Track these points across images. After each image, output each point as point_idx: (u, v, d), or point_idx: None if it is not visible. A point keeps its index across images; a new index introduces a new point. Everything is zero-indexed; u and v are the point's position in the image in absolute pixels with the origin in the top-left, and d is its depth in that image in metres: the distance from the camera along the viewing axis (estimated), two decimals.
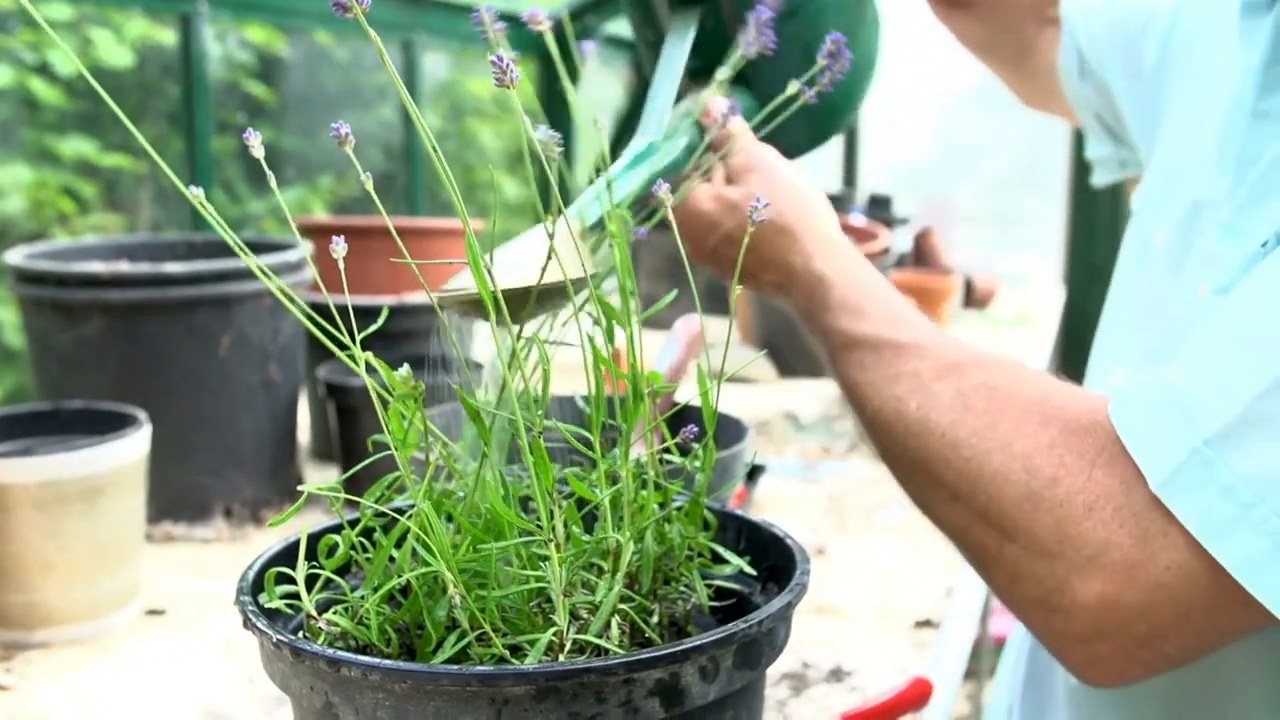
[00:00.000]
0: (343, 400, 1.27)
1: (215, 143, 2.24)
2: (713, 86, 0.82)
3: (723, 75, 0.81)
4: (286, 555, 0.60)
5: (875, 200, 2.96)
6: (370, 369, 0.54)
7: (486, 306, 0.53)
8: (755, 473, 1.35)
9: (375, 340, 0.54)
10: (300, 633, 0.57)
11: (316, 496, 0.56)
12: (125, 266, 1.16)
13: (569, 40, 0.75)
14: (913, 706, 0.89)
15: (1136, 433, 0.59)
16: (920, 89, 4.00)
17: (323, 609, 0.56)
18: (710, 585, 0.61)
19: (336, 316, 0.53)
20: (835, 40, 0.74)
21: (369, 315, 0.56)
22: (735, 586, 0.63)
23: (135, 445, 1.00)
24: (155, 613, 1.04)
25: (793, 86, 0.76)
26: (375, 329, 0.56)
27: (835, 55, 0.74)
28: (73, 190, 2.48)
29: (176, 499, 1.20)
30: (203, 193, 0.52)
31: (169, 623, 1.03)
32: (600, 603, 0.54)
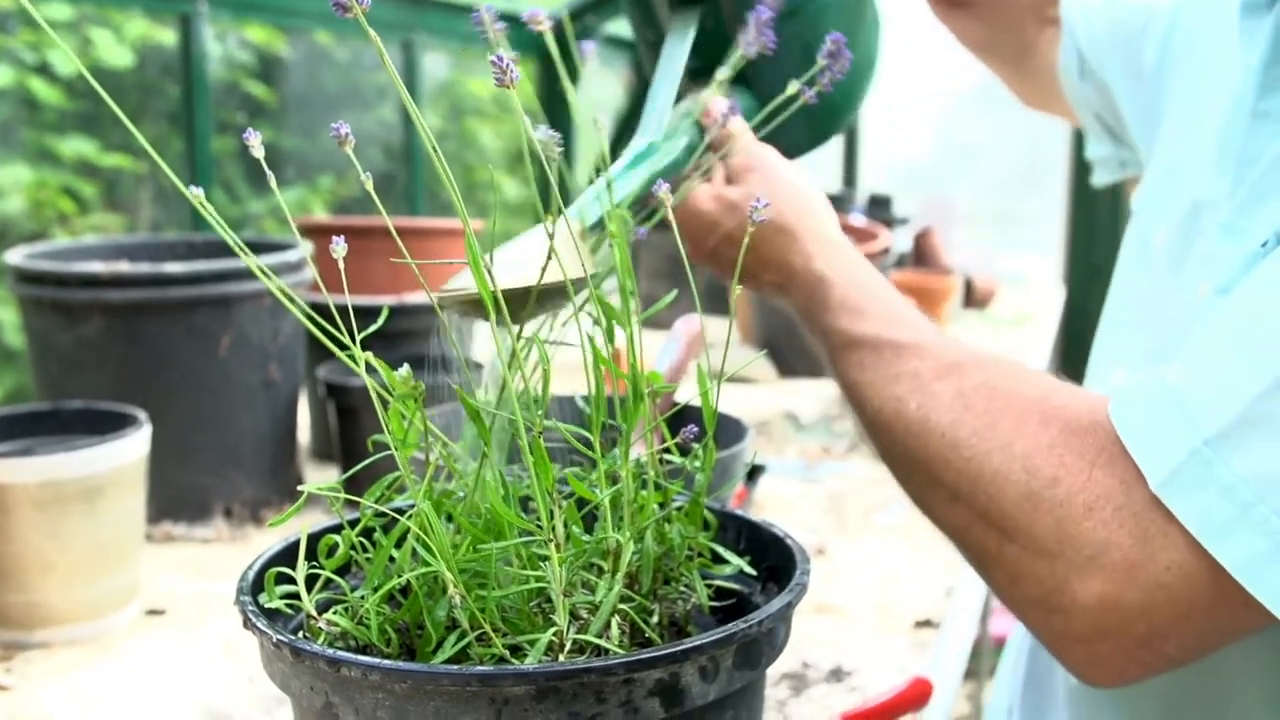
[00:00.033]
0: (343, 400, 1.27)
1: (215, 143, 2.24)
2: (713, 86, 0.82)
3: (723, 75, 0.81)
4: (286, 555, 0.60)
5: (875, 200, 2.96)
6: (370, 369, 0.54)
7: (486, 306, 0.53)
8: (755, 473, 1.35)
9: (375, 340, 0.54)
10: (300, 633, 0.57)
11: (316, 496, 0.56)
12: (125, 266, 1.16)
13: (569, 40, 0.75)
14: (913, 706, 0.89)
15: (1136, 433, 0.59)
16: (920, 89, 4.00)
17: (323, 609, 0.56)
18: (710, 585, 0.61)
19: (336, 316, 0.53)
20: (835, 40, 0.74)
21: (369, 315, 0.56)
22: (735, 586, 0.63)
23: (135, 445, 1.00)
24: (155, 613, 1.04)
25: (793, 86, 0.76)
26: (375, 329, 0.56)
27: (835, 55, 0.74)
28: (73, 190, 2.48)
29: (176, 499, 1.20)
30: (203, 193, 0.52)
31: (169, 623, 1.03)
32: (600, 603, 0.54)
